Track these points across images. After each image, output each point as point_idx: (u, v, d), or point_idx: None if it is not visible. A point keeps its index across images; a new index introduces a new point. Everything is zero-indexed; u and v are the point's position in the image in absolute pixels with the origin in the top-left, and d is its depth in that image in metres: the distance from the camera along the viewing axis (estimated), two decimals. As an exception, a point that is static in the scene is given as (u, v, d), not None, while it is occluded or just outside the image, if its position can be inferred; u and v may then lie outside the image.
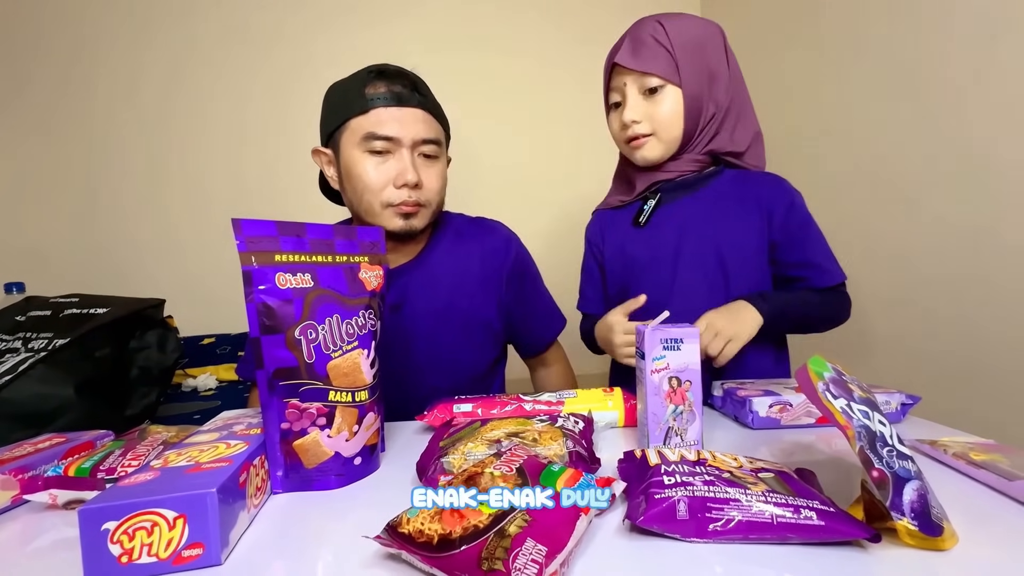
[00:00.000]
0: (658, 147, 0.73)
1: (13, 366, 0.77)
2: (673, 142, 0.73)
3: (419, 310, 0.79)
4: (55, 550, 0.41)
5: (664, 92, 0.70)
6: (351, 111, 0.72)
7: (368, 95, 0.71)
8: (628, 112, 0.72)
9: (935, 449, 0.49)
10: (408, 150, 0.72)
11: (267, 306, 0.47)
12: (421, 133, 0.73)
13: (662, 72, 0.69)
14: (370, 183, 0.73)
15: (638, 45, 0.71)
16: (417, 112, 0.73)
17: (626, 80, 0.72)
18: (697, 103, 0.71)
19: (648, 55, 0.70)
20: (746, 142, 0.75)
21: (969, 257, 0.94)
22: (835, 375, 0.41)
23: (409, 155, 0.72)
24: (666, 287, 0.75)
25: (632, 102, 0.72)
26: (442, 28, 1.65)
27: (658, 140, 0.73)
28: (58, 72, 1.53)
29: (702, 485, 0.38)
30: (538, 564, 0.31)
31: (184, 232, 1.60)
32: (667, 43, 0.69)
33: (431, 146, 0.74)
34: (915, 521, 0.34)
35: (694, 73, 0.70)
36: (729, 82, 0.72)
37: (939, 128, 0.98)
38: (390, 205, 0.73)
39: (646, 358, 0.51)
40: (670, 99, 0.70)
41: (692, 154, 0.75)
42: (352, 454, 0.50)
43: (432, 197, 0.76)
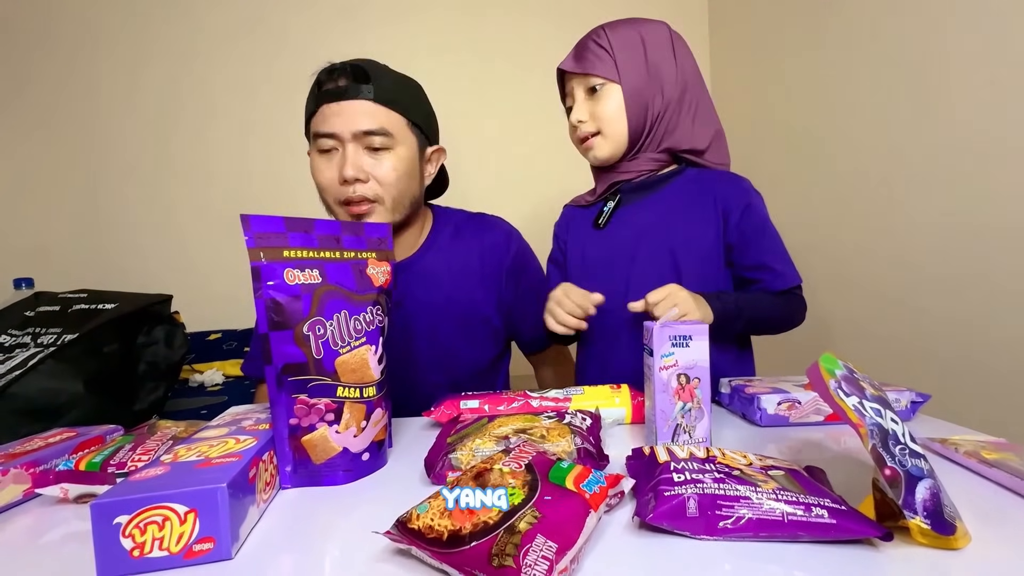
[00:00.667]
0: (605, 145, 0.75)
1: (23, 361, 0.77)
2: (619, 138, 0.74)
3: (419, 307, 0.79)
4: (66, 543, 0.41)
5: (605, 90, 0.73)
6: (308, 112, 0.74)
7: (317, 94, 0.72)
8: (575, 113, 0.75)
9: (946, 447, 0.49)
10: (352, 144, 0.70)
11: (276, 302, 0.47)
12: (362, 125, 0.69)
13: (601, 71, 0.72)
14: (321, 182, 0.73)
15: (580, 50, 0.75)
16: (361, 104, 0.70)
17: (573, 84, 0.76)
18: (639, 99, 0.72)
19: (588, 57, 0.73)
20: (705, 140, 0.76)
21: (972, 255, 0.93)
22: (846, 372, 0.41)
23: (353, 149, 0.70)
24: (621, 288, 0.75)
25: (578, 103, 0.75)
26: (448, 26, 1.64)
27: (604, 138, 0.74)
28: (63, 70, 1.54)
29: (712, 482, 0.38)
30: (548, 561, 0.31)
31: (190, 228, 1.61)
32: (607, 44, 0.72)
33: (378, 137, 0.70)
34: (928, 520, 0.34)
35: (634, 70, 0.72)
36: (677, 79, 0.73)
37: (942, 126, 0.97)
38: (340, 203, 0.72)
39: (655, 355, 0.51)
40: (611, 96, 0.73)
41: (648, 153, 0.75)
42: (360, 450, 0.50)
43: (385, 191, 0.72)
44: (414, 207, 0.77)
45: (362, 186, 0.71)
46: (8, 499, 0.46)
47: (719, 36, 1.75)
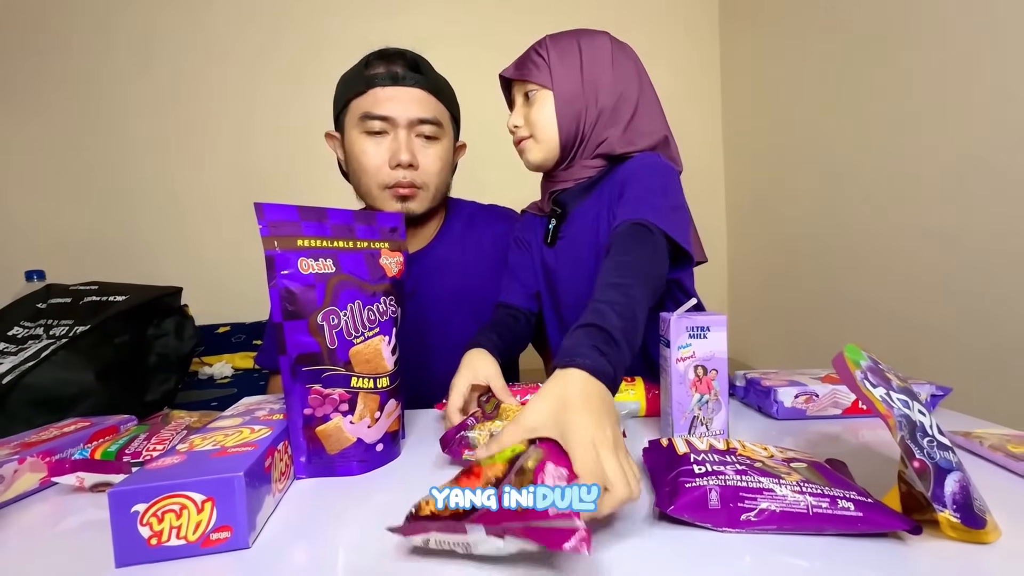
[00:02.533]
0: (537, 149, 0.73)
1: (35, 352, 0.78)
2: (551, 143, 0.72)
3: (432, 296, 0.79)
4: (83, 531, 0.41)
5: (538, 96, 0.72)
6: (352, 92, 0.72)
7: (367, 76, 0.71)
8: (511, 118, 0.74)
9: (970, 441, 0.48)
10: (404, 130, 0.71)
11: (290, 291, 0.47)
12: (417, 112, 0.71)
13: (535, 78, 0.71)
14: (366, 164, 0.72)
15: (522, 59, 0.74)
16: (415, 91, 0.71)
17: (514, 91, 0.75)
18: (571, 106, 0.71)
19: (526, 65, 0.73)
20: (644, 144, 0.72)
21: (992, 247, 0.92)
22: (871, 364, 0.40)
23: (405, 135, 0.71)
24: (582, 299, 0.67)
25: (516, 108, 0.75)
26: (455, 16, 1.63)
27: (536, 142, 0.73)
28: (76, 65, 1.54)
29: (734, 474, 0.37)
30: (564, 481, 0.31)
31: (200, 222, 1.61)
32: (545, 54, 0.72)
33: (429, 126, 0.72)
34: (957, 513, 0.33)
35: (565, 77, 0.71)
36: (613, 87, 0.72)
37: (962, 119, 0.96)
38: (387, 187, 0.72)
39: (671, 346, 0.51)
40: (544, 103, 0.72)
41: (583, 160, 0.73)
42: (374, 440, 0.50)
43: (430, 180, 0.74)
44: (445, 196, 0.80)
45: (412, 172, 0.72)
46: (25, 487, 0.46)
47: (728, 34, 1.73)
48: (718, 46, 1.77)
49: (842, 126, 1.25)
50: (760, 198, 1.61)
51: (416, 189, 0.73)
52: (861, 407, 0.59)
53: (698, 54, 1.74)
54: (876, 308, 1.18)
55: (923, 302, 1.06)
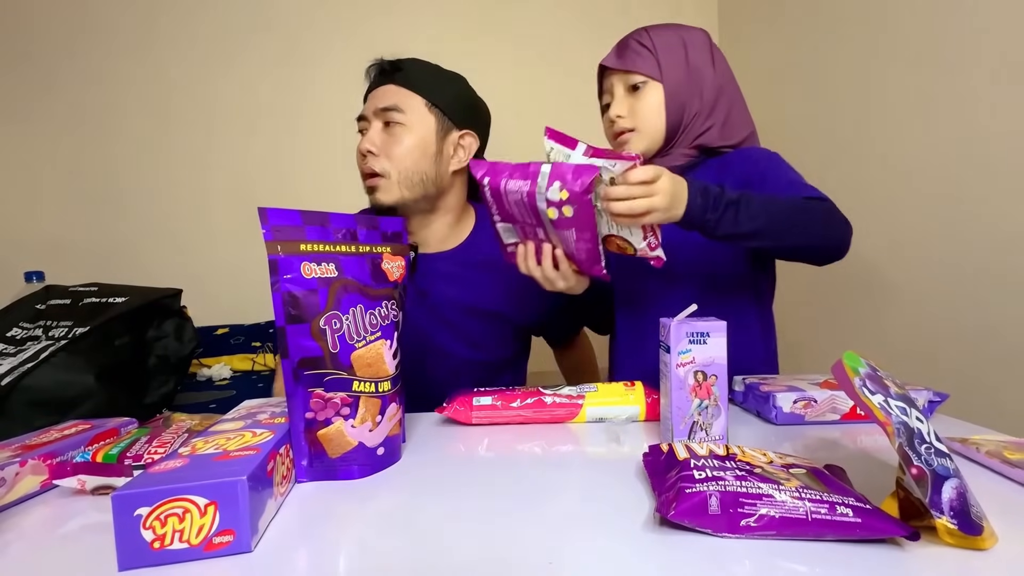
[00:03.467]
0: (640, 141, 0.75)
1: (35, 354, 0.77)
2: (656, 135, 0.75)
3: (446, 301, 0.81)
4: (85, 534, 0.41)
5: (646, 88, 0.74)
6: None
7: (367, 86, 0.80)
8: (613, 108, 0.76)
9: (967, 447, 0.48)
10: (374, 122, 0.76)
11: (292, 295, 0.47)
12: (379, 103, 0.75)
13: (643, 69, 0.73)
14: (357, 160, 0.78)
15: (622, 49, 0.76)
16: (388, 87, 0.76)
17: (613, 80, 0.76)
18: (678, 98, 0.73)
19: (631, 55, 0.74)
20: (738, 138, 0.76)
21: (987, 251, 0.92)
22: (870, 371, 0.40)
23: (374, 127, 0.76)
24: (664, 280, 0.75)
25: (617, 99, 0.76)
26: (452, 15, 1.64)
27: (639, 134, 0.75)
28: (76, 67, 1.54)
29: (734, 480, 0.38)
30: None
31: (199, 223, 1.61)
32: (650, 44, 0.74)
33: (392, 112, 0.75)
34: (955, 520, 0.34)
35: (675, 70, 0.73)
36: (715, 81, 0.75)
37: (959, 120, 0.97)
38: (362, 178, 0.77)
39: (671, 351, 0.51)
40: (652, 94, 0.74)
41: (680, 149, 0.76)
42: (375, 444, 0.50)
43: (391, 165, 0.75)
44: (432, 188, 0.78)
45: (373, 159, 0.75)
46: (26, 490, 0.46)
47: (728, 34, 1.74)
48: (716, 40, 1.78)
49: (842, 126, 1.26)
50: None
51: (378, 178, 0.75)
52: (859, 413, 0.59)
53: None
54: (873, 314, 1.19)
55: (921, 307, 1.07)
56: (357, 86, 1.67)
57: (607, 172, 0.56)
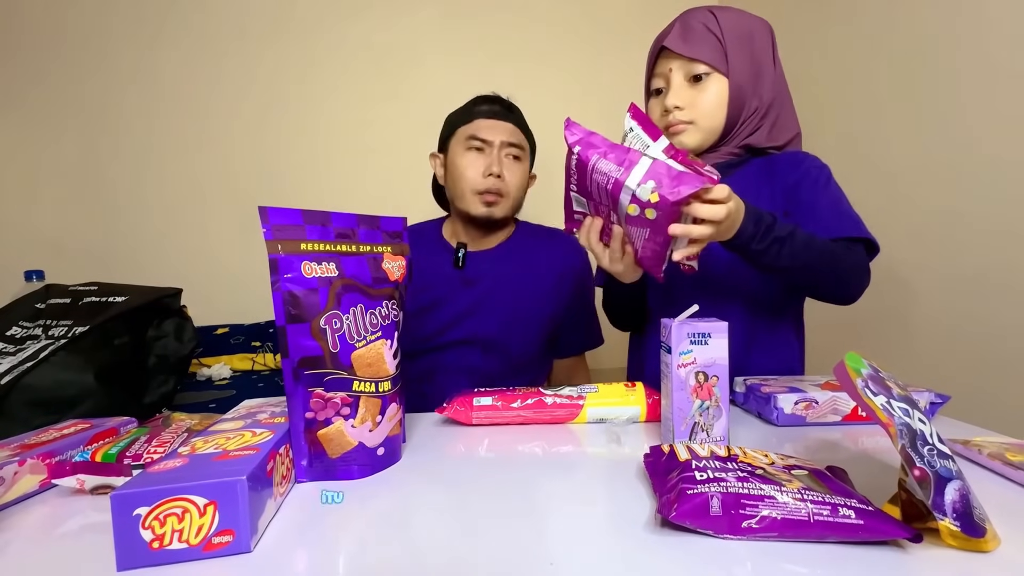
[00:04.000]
0: (696, 135, 0.71)
1: (34, 353, 0.77)
2: (713, 132, 0.71)
3: (490, 286, 0.94)
4: (84, 534, 0.41)
5: (710, 80, 0.69)
6: (459, 122, 0.94)
7: (472, 111, 0.94)
8: (671, 97, 0.70)
9: (969, 449, 0.48)
10: (497, 150, 0.91)
11: (293, 295, 0.47)
12: (507, 137, 0.92)
13: (710, 59, 0.68)
14: (465, 172, 0.91)
15: (688, 31, 0.69)
16: (506, 125, 0.93)
17: (672, 66, 0.70)
18: (741, 95, 0.69)
19: (698, 41, 0.68)
20: (785, 139, 0.73)
21: (990, 252, 0.92)
22: (872, 372, 0.40)
23: (497, 154, 0.91)
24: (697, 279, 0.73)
25: (676, 88, 0.70)
26: (454, 20, 1.64)
27: (697, 128, 0.70)
28: (75, 64, 1.54)
29: (735, 481, 0.38)
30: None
31: (198, 223, 1.61)
32: (718, 31, 0.68)
33: (515, 149, 0.93)
34: (957, 522, 0.33)
35: (741, 64, 0.68)
36: (774, 80, 0.71)
37: (960, 120, 0.96)
38: (477, 192, 0.91)
39: (672, 352, 0.51)
40: (715, 88, 0.69)
41: (729, 147, 0.73)
42: (375, 444, 0.50)
43: (512, 190, 0.93)
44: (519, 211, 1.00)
45: (499, 182, 0.91)
46: (25, 489, 0.46)
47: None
48: None
49: (842, 126, 1.26)
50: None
51: (500, 197, 0.92)
52: (861, 414, 0.59)
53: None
54: (875, 314, 1.18)
55: (922, 309, 1.07)
56: (358, 86, 1.67)
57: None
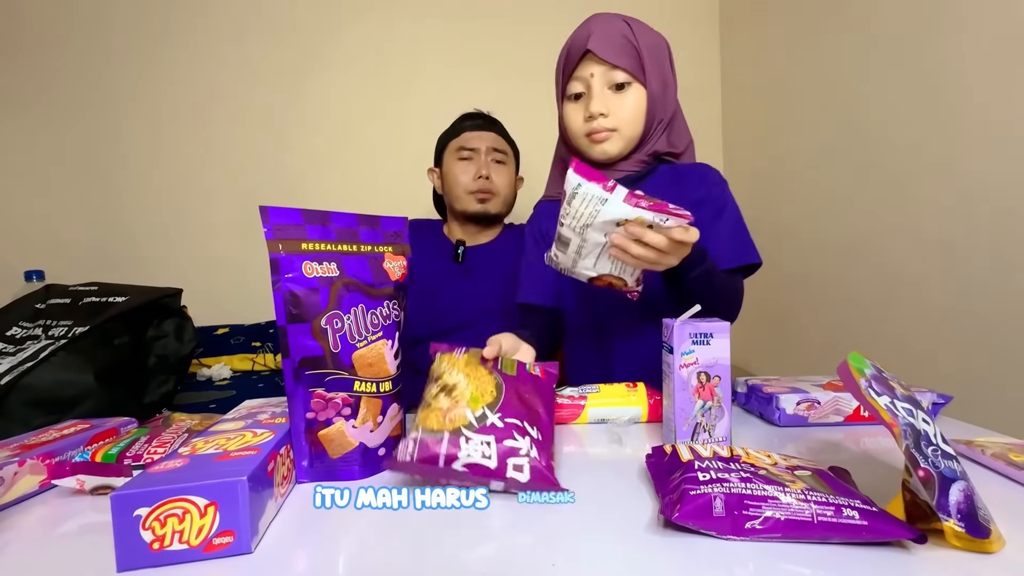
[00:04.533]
0: (618, 143, 0.72)
1: (34, 353, 0.77)
2: (632, 140, 0.73)
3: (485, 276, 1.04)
4: (83, 534, 0.41)
5: (631, 89, 0.71)
6: (449, 137, 1.08)
7: (460, 127, 1.08)
8: (597, 104, 0.70)
9: (972, 449, 0.48)
10: (483, 156, 1.04)
11: (294, 295, 0.47)
12: (491, 144, 1.06)
13: (632, 68, 0.70)
14: (459, 177, 1.04)
15: (609, 39, 0.69)
16: (489, 134, 1.07)
17: (594, 71, 0.70)
18: (654, 105, 0.72)
19: (620, 50, 0.69)
20: (683, 146, 0.77)
21: (990, 253, 0.92)
22: (875, 372, 0.40)
23: (484, 159, 1.04)
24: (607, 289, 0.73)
25: (599, 94, 0.70)
26: (453, 22, 1.64)
27: (619, 136, 0.72)
28: (77, 65, 1.54)
29: (738, 482, 0.37)
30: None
31: (199, 223, 1.60)
32: (635, 42, 0.70)
33: (499, 153, 1.06)
34: (962, 522, 0.33)
35: (656, 76, 0.71)
36: (675, 90, 0.75)
37: (957, 121, 0.96)
38: (470, 192, 1.04)
39: (674, 352, 0.51)
40: (635, 97, 0.71)
41: (640, 155, 0.74)
42: (376, 445, 0.50)
43: (500, 189, 1.06)
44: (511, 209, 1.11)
45: (488, 182, 1.04)
46: (25, 490, 0.46)
47: (729, 33, 1.74)
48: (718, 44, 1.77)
49: (844, 126, 1.25)
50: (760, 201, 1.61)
51: (490, 194, 1.04)
52: (863, 414, 0.59)
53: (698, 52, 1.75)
54: (878, 314, 1.18)
55: (925, 308, 1.07)
56: (359, 87, 1.67)
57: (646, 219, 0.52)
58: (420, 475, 0.44)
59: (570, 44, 0.73)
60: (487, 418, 0.47)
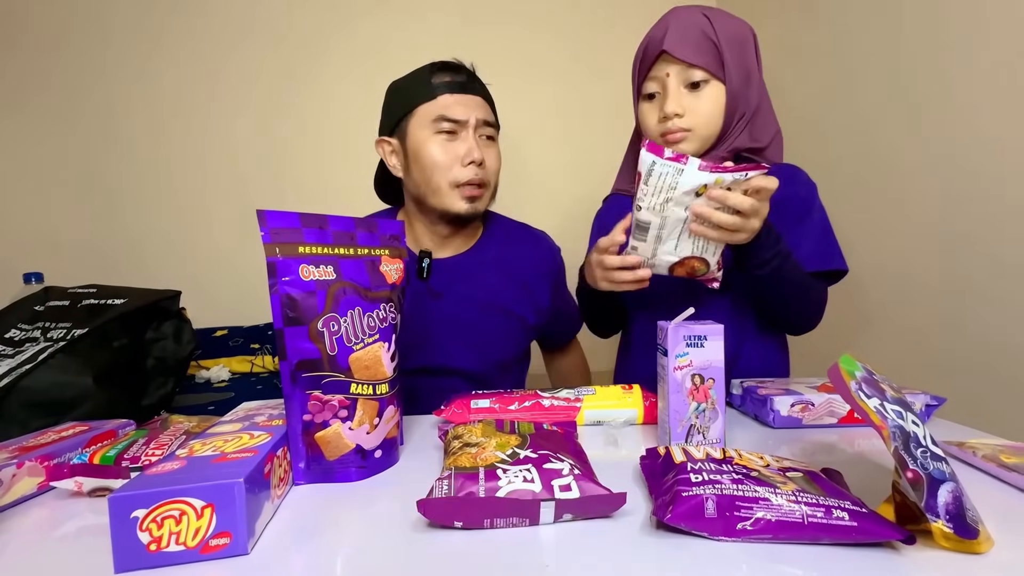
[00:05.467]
0: (694, 143, 0.71)
1: (33, 355, 0.77)
2: (709, 139, 0.71)
3: (463, 299, 0.82)
4: (81, 536, 0.41)
5: (708, 87, 0.68)
6: (418, 99, 0.76)
7: (434, 83, 0.75)
8: (672, 104, 0.69)
9: (963, 451, 0.48)
10: (472, 131, 0.76)
11: (291, 298, 0.47)
12: (482, 115, 0.77)
13: (709, 66, 0.67)
14: (440, 161, 0.75)
15: (686, 35, 0.67)
16: (476, 98, 0.77)
17: (670, 71, 0.69)
18: (735, 101, 0.69)
19: (697, 47, 0.67)
20: (766, 140, 0.74)
21: (987, 253, 0.93)
22: (866, 374, 0.40)
23: (473, 136, 0.76)
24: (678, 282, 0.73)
25: (674, 94, 0.69)
26: (454, 22, 1.64)
27: (695, 135, 0.70)
28: (76, 66, 1.54)
29: (730, 483, 0.38)
30: None
31: (198, 225, 1.61)
32: (715, 37, 0.67)
33: (490, 128, 0.79)
34: (950, 523, 0.34)
35: (737, 71, 0.68)
36: (761, 85, 0.72)
37: (961, 120, 0.97)
38: (457, 184, 0.76)
39: (669, 354, 0.51)
40: (713, 95, 0.68)
41: (719, 151, 0.73)
42: (373, 447, 0.50)
43: (492, 178, 0.79)
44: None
45: (481, 170, 0.76)
46: (23, 492, 0.46)
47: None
48: None
49: (842, 129, 1.26)
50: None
51: (482, 189, 0.78)
52: (856, 417, 0.59)
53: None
54: (872, 316, 1.19)
55: (919, 311, 1.07)
56: (359, 87, 1.67)
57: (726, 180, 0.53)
58: (460, 519, 0.39)
59: (647, 42, 0.71)
60: (519, 454, 0.45)
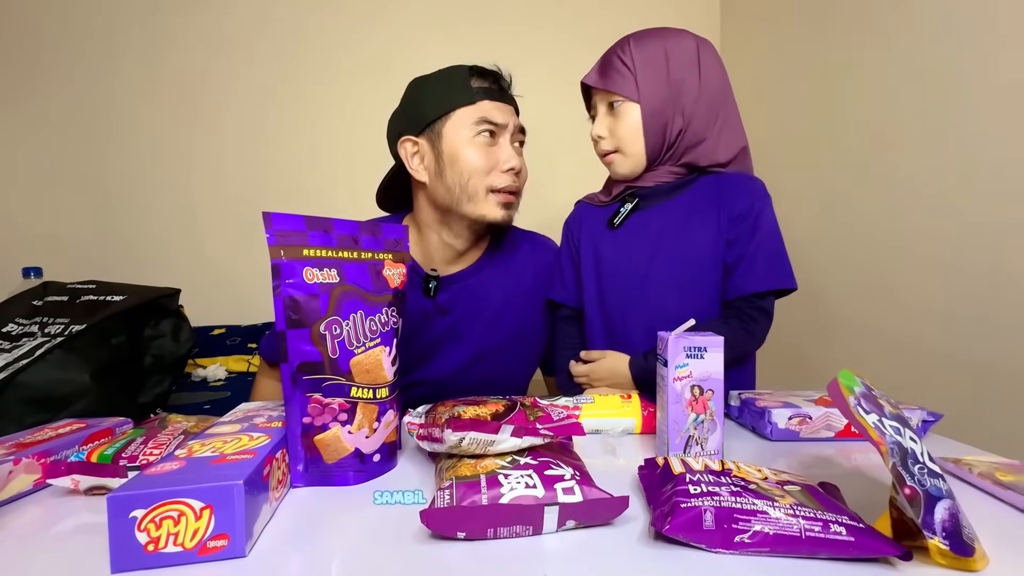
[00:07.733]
0: (625, 162, 0.75)
1: (30, 350, 0.77)
2: (638, 157, 0.74)
3: (471, 316, 0.81)
4: (77, 535, 0.41)
5: (622, 108, 0.73)
6: (457, 102, 0.75)
7: (474, 87, 0.75)
8: (594, 127, 0.77)
9: (960, 468, 0.48)
10: (509, 137, 0.76)
11: (294, 300, 0.47)
12: (518, 123, 0.78)
13: (619, 89, 0.73)
14: (479, 165, 0.74)
15: (604, 65, 0.75)
16: (510, 108, 0.78)
17: (596, 98, 0.77)
18: (658, 118, 0.72)
19: (611, 74, 0.74)
20: (728, 155, 0.75)
21: (984, 265, 0.93)
22: (865, 390, 0.41)
23: (509, 143, 0.76)
24: (636, 293, 0.76)
25: (599, 119, 0.76)
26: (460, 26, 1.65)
27: (623, 155, 0.75)
28: (79, 63, 1.54)
29: (729, 495, 0.38)
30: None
31: (197, 223, 1.61)
32: (629, 61, 0.72)
33: (523, 136, 0.80)
34: (947, 540, 0.34)
35: (653, 88, 0.72)
36: (701, 93, 0.72)
37: (954, 125, 0.97)
38: (494, 191, 0.75)
39: (668, 365, 0.51)
40: (630, 115, 0.73)
41: (668, 166, 0.75)
42: (372, 451, 0.50)
43: (522, 186, 0.80)
44: None
45: (517, 179, 0.78)
46: (19, 489, 0.46)
47: (730, 32, 1.75)
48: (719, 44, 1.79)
49: (843, 132, 1.25)
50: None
51: (516, 197, 0.78)
52: (854, 431, 0.59)
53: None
54: (870, 330, 1.19)
55: (915, 327, 1.08)
56: (360, 89, 1.67)
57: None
58: (464, 529, 0.38)
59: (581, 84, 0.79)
60: (519, 460, 0.44)
